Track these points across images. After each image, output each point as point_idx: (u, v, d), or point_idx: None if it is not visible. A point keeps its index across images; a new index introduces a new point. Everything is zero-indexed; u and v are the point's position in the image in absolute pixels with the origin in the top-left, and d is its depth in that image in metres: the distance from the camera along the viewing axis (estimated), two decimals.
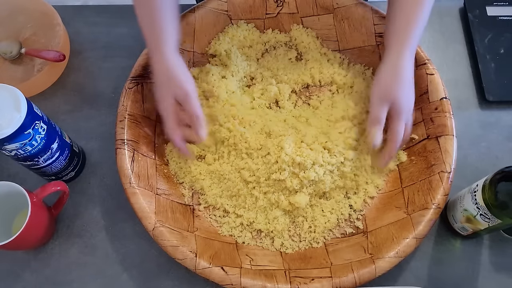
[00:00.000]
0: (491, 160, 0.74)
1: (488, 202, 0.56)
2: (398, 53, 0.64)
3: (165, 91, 0.64)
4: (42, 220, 0.64)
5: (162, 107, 0.65)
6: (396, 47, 0.64)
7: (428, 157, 0.68)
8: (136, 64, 0.72)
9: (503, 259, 0.67)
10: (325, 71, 0.78)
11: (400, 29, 0.65)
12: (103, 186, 0.73)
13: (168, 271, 0.67)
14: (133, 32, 0.85)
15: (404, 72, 0.64)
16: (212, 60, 0.79)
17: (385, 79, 0.65)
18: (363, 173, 0.70)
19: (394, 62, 0.64)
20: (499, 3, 0.85)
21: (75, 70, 0.82)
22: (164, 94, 0.65)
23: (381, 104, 0.64)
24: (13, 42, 0.81)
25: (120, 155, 0.66)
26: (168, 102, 0.64)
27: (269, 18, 0.80)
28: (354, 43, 0.78)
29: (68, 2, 0.93)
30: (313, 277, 0.60)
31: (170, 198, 0.68)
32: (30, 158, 0.62)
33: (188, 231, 0.64)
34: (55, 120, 0.67)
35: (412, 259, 0.67)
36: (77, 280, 0.67)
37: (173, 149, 0.73)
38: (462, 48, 0.83)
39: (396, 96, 0.64)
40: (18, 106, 0.57)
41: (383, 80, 0.65)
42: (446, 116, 0.68)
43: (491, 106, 0.78)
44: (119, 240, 0.69)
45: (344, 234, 0.68)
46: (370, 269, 0.60)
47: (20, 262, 0.68)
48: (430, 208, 0.63)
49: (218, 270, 0.60)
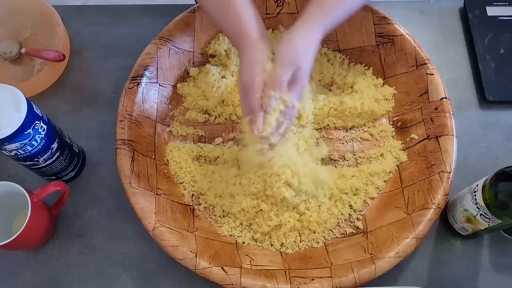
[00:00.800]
0: (491, 160, 0.74)
1: (488, 202, 0.56)
2: (312, 27, 0.62)
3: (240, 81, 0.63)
4: (42, 220, 0.64)
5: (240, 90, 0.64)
6: (313, 16, 0.62)
7: (428, 157, 0.68)
8: (136, 64, 0.72)
9: (503, 259, 0.67)
10: (325, 71, 0.78)
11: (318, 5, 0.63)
12: (103, 186, 0.73)
13: (168, 271, 0.67)
14: (133, 32, 0.85)
15: (315, 45, 0.62)
16: (212, 60, 0.79)
17: (294, 45, 0.61)
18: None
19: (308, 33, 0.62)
20: (499, 3, 0.85)
21: (75, 70, 0.82)
22: (240, 83, 0.63)
23: (288, 68, 0.60)
24: (13, 42, 0.81)
25: (120, 155, 0.66)
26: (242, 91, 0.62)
27: (269, 18, 0.80)
28: (354, 43, 0.78)
29: (68, 2, 0.93)
30: (313, 277, 0.60)
31: (170, 198, 0.68)
32: (30, 158, 0.62)
33: (188, 231, 0.64)
34: (55, 120, 0.67)
35: (412, 259, 0.67)
36: (77, 280, 0.67)
37: (173, 149, 0.73)
38: (462, 48, 0.83)
39: (303, 64, 0.61)
40: (18, 106, 0.57)
41: (292, 45, 0.61)
42: (446, 116, 0.68)
43: (491, 106, 0.78)
44: (119, 240, 0.69)
45: (344, 234, 0.68)
46: (370, 269, 0.60)
47: (20, 262, 0.68)
48: (430, 208, 0.63)
49: (218, 270, 0.60)
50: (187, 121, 0.76)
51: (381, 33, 0.76)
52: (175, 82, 0.77)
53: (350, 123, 0.75)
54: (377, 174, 0.71)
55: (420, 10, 0.87)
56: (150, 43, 0.74)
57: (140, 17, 0.87)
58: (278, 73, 0.59)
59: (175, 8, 0.68)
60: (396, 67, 0.75)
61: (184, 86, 0.77)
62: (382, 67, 0.77)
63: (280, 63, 0.60)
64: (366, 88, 0.75)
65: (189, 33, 0.77)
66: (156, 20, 0.82)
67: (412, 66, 0.73)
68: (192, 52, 0.78)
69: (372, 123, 0.75)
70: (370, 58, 0.78)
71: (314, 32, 0.62)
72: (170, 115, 0.76)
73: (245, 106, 0.62)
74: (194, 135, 0.75)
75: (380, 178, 0.71)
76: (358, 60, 0.79)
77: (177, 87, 0.77)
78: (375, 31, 0.76)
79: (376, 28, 0.76)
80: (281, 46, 0.61)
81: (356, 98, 0.74)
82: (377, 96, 0.75)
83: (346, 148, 0.74)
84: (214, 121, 0.76)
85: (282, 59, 0.60)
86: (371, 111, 0.74)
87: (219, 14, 0.65)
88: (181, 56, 0.77)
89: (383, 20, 0.75)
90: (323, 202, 0.68)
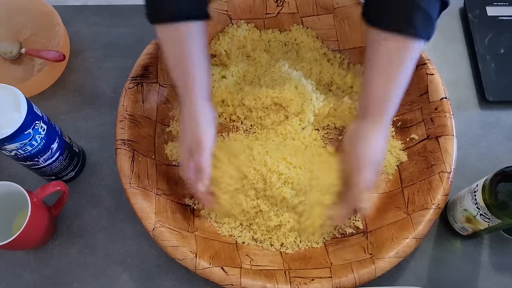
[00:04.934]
0: (491, 160, 0.74)
1: (488, 202, 0.56)
2: (376, 121, 0.61)
3: (184, 139, 0.62)
4: (42, 220, 0.64)
5: (181, 154, 0.64)
6: (375, 113, 0.61)
7: (428, 157, 0.68)
8: (136, 64, 0.72)
9: (503, 259, 0.67)
10: (325, 71, 0.78)
11: (378, 95, 0.60)
12: (103, 186, 0.73)
13: (168, 271, 0.67)
14: (133, 32, 0.85)
15: (387, 137, 0.63)
16: (212, 60, 0.79)
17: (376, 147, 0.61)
18: None
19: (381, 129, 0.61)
20: (499, 3, 0.85)
21: (75, 70, 0.82)
22: (183, 142, 0.63)
23: (373, 169, 0.60)
24: (13, 42, 0.81)
25: (120, 155, 0.66)
26: (185, 150, 0.62)
27: (269, 18, 0.80)
28: (354, 43, 0.78)
29: (68, 2, 0.93)
30: (313, 277, 0.60)
31: (170, 198, 0.68)
32: (30, 158, 0.62)
33: (188, 231, 0.64)
34: (55, 120, 0.67)
35: (412, 259, 0.67)
36: (77, 280, 0.67)
37: (173, 149, 0.73)
38: (462, 48, 0.84)
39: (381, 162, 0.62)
40: (18, 106, 0.57)
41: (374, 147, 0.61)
42: (446, 116, 0.68)
43: (491, 106, 0.78)
44: (119, 240, 0.69)
45: (344, 234, 0.68)
46: (370, 269, 0.60)
47: (20, 262, 0.68)
48: (430, 208, 0.63)
49: (218, 270, 0.60)
50: None
51: None
52: None
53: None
54: None
55: None
56: (150, 43, 0.74)
57: (140, 17, 0.85)
58: (366, 177, 0.59)
59: None
60: None
61: None
62: None
63: (365, 166, 0.60)
64: None
65: None
66: None
67: None
68: None
69: None
70: None
71: (384, 126, 0.61)
72: (170, 115, 0.76)
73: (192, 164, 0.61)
74: None
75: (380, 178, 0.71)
76: (358, 60, 0.79)
77: None
78: None
79: None
80: (359, 147, 0.60)
81: (356, 98, 0.74)
82: None
83: None
84: None
85: (365, 161, 0.60)
86: None
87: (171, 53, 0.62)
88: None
89: None
90: (321, 202, 0.68)
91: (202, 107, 0.62)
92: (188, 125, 0.62)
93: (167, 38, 0.62)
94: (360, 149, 0.61)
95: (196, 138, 0.61)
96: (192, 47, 0.61)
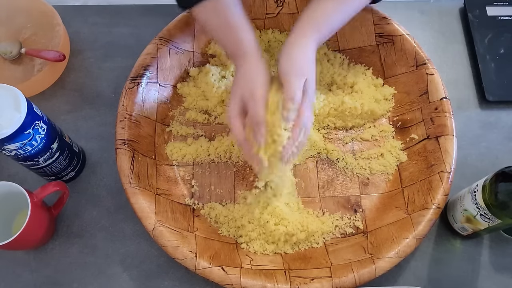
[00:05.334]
0: (491, 160, 0.74)
1: (488, 202, 0.56)
2: (307, 38, 0.62)
3: (236, 92, 0.62)
4: (42, 220, 0.64)
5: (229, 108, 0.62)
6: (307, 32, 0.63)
7: (428, 157, 0.68)
8: (136, 64, 0.72)
9: (503, 259, 0.67)
10: (325, 71, 0.78)
11: (314, 16, 0.64)
12: (103, 186, 0.73)
13: (168, 271, 0.67)
14: (133, 32, 0.85)
15: (313, 57, 0.63)
16: (212, 60, 0.79)
17: (298, 58, 0.61)
18: None
19: (304, 45, 0.62)
20: (499, 3, 0.85)
21: (75, 70, 0.82)
22: (234, 95, 0.62)
23: (300, 78, 0.59)
24: (13, 42, 0.81)
25: (120, 155, 0.66)
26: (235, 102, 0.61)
27: (269, 18, 0.80)
28: (354, 43, 0.78)
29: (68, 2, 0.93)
30: (313, 277, 0.60)
31: (170, 198, 0.68)
32: (30, 158, 0.62)
33: (188, 231, 0.64)
34: (55, 120, 0.67)
35: (412, 259, 0.67)
36: (77, 280, 0.67)
37: (173, 149, 0.73)
38: (462, 48, 0.84)
39: (310, 75, 0.61)
40: (18, 106, 0.57)
41: (296, 58, 0.61)
42: (446, 116, 0.68)
43: (491, 106, 0.78)
44: (119, 240, 0.69)
45: (344, 234, 0.68)
46: (370, 269, 0.60)
47: (20, 262, 0.68)
48: (430, 208, 0.63)
49: (218, 270, 0.60)
50: (187, 121, 0.76)
51: (381, 33, 0.76)
52: (175, 82, 0.77)
53: (350, 123, 0.75)
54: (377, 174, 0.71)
55: (420, 10, 0.87)
56: (150, 43, 0.74)
57: (140, 17, 0.87)
58: (292, 85, 0.59)
59: (175, 8, 0.68)
60: (396, 67, 0.75)
61: (184, 86, 0.77)
62: (382, 67, 0.77)
63: (292, 75, 0.59)
64: (366, 88, 0.75)
65: (189, 33, 0.77)
66: (156, 20, 0.82)
67: (412, 66, 0.73)
68: (192, 52, 0.78)
69: (372, 123, 0.75)
70: (370, 58, 0.78)
71: (309, 46, 0.62)
72: (170, 115, 0.76)
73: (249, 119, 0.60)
74: (194, 135, 0.75)
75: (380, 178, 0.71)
76: (358, 60, 0.79)
77: (177, 87, 0.77)
78: (375, 31, 0.76)
79: (376, 28, 0.76)
80: (284, 62, 0.61)
81: (356, 98, 0.74)
82: (377, 96, 0.75)
83: (346, 148, 0.74)
84: (214, 121, 0.76)
85: (291, 71, 0.60)
86: (371, 111, 0.74)
87: (215, 25, 0.65)
88: (181, 56, 0.77)
89: (383, 20, 0.75)
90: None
91: (256, 65, 0.63)
92: (242, 80, 0.62)
93: (209, 13, 0.64)
94: (282, 62, 0.61)
95: (250, 88, 0.60)
96: (234, 13, 0.64)
